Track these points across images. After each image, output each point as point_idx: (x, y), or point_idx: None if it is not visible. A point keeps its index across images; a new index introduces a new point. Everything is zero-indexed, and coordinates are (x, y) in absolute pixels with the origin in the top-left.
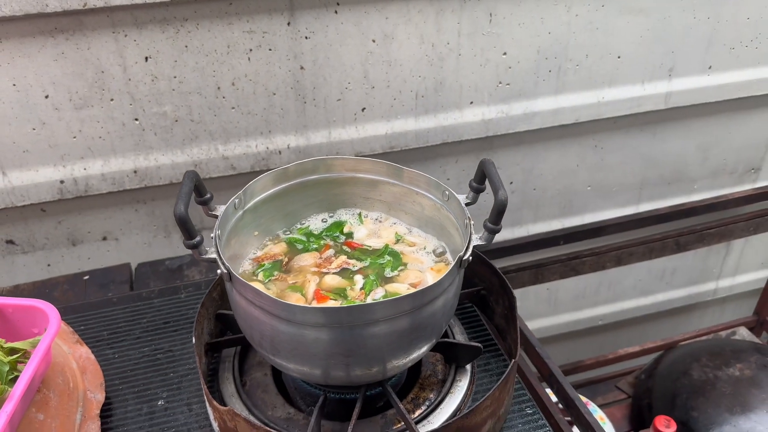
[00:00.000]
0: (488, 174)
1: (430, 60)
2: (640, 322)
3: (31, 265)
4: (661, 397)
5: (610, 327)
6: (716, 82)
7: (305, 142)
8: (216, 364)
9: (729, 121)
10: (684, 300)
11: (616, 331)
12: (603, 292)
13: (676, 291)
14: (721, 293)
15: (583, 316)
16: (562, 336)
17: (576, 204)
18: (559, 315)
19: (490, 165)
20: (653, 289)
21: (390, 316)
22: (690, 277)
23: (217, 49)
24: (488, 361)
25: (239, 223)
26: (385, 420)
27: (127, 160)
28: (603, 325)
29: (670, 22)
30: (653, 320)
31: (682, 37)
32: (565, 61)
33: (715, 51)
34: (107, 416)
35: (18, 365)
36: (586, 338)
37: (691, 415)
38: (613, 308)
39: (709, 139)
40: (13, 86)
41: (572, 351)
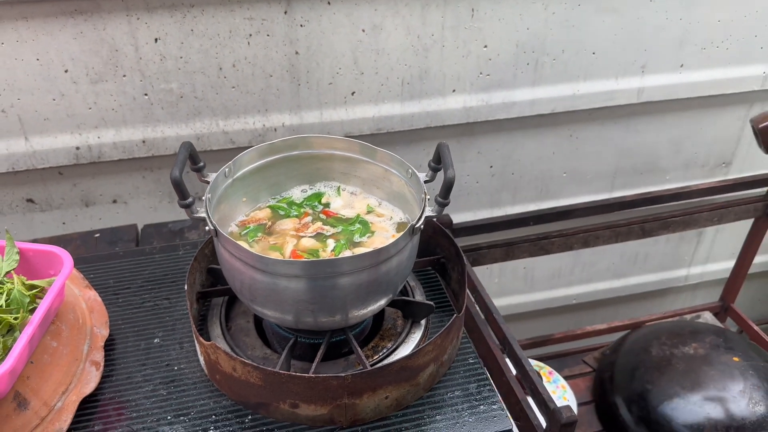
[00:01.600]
0: (442, 155)
1: (415, 50)
2: (613, 303)
3: (48, 222)
4: (621, 370)
5: (584, 306)
6: (687, 80)
7: (299, 121)
8: (206, 312)
9: (701, 117)
10: (656, 284)
11: (589, 311)
12: (577, 272)
13: (648, 275)
14: (692, 280)
15: (558, 294)
16: (537, 312)
17: (552, 189)
18: (534, 293)
19: (444, 148)
20: (626, 273)
21: (350, 271)
22: (662, 263)
23: (219, 33)
24: (442, 319)
25: (229, 190)
26: (347, 362)
27: (136, 131)
28: (577, 304)
29: (643, 22)
30: (626, 302)
31: (655, 37)
32: (543, 56)
33: (687, 50)
34: (110, 349)
35: (36, 299)
36: (560, 316)
37: (646, 387)
38: (587, 288)
39: (681, 133)
40: (36, 60)
41: (546, 327)
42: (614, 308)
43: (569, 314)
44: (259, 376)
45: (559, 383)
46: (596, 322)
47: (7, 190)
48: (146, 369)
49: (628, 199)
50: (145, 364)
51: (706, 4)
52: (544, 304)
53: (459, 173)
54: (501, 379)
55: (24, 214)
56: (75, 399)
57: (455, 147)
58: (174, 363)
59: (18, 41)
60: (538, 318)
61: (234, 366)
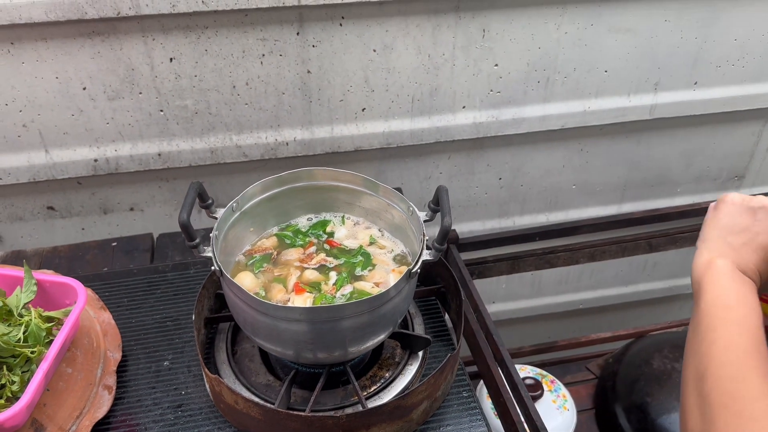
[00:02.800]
0: (440, 201)
1: (426, 69)
2: (620, 308)
3: (68, 228)
4: (623, 380)
5: (591, 311)
6: (701, 97)
7: (310, 136)
8: (213, 334)
9: (714, 132)
10: (664, 291)
11: (596, 316)
12: (585, 279)
13: (657, 282)
14: None
15: (565, 300)
16: (543, 316)
17: (561, 200)
18: (541, 298)
19: (443, 192)
20: (634, 280)
21: (349, 315)
22: (671, 271)
23: (233, 54)
24: (439, 349)
25: (237, 222)
26: (345, 392)
27: (152, 145)
28: (583, 309)
29: (657, 41)
30: (633, 308)
31: (669, 55)
32: (554, 74)
33: (701, 68)
34: (123, 371)
35: (53, 330)
36: (566, 320)
37: (646, 400)
38: (594, 294)
39: (693, 147)
40: (56, 78)
41: (552, 331)
42: (621, 313)
43: (575, 318)
44: (259, 412)
45: (560, 392)
46: (602, 327)
47: (29, 198)
48: (156, 392)
49: (636, 216)
50: (155, 387)
51: (722, 24)
52: (550, 309)
53: (468, 185)
54: (499, 399)
55: (45, 220)
56: (88, 424)
57: (465, 160)
58: (182, 387)
59: (38, 60)
60: (544, 322)
61: (236, 400)
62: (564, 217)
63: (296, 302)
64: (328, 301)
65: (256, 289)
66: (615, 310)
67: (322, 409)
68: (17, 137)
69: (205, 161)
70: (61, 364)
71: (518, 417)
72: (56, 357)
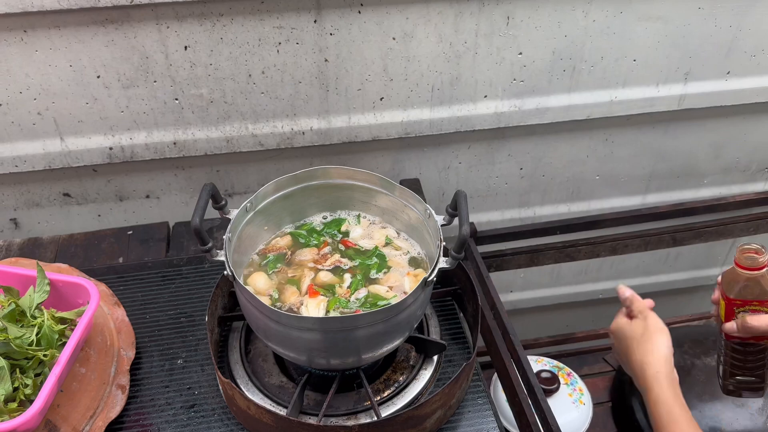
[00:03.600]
0: (459, 207)
1: (447, 57)
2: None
3: (84, 215)
4: None
5: (610, 301)
6: (734, 87)
7: (326, 125)
8: (227, 332)
9: (745, 123)
10: (686, 282)
11: (615, 305)
12: (605, 269)
13: (679, 273)
14: None
15: (584, 289)
16: (561, 306)
17: (584, 191)
18: (560, 287)
19: (462, 198)
20: (655, 271)
21: (361, 326)
22: (694, 262)
23: (249, 42)
24: (455, 352)
25: (251, 220)
26: (359, 396)
27: (167, 133)
28: (603, 299)
29: (689, 30)
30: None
31: (701, 44)
32: (580, 62)
33: (735, 57)
34: (136, 369)
35: (67, 331)
36: (584, 309)
37: None
38: (615, 285)
39: (722, 139)
40: (70, 67)
41: (569, 320)
42: None
43: (594, 308)
44: (271, 418)
45: (577, 386)
46: None
47: (45, 185)
48: (169, 392)
49: (661, 210)
50: (168, 386)
51: (758, 12)
52: (569, 298)
53: (488, 175)
54: (514, 399)
55: (61, 206)
56: (102, 424)
57: (485, 149)
58: (195, 386)
59: (51, 49)
60: (561, 311)
61: (248, 405)
62: (586, 208)
63: (310, 305)
64: (342, 305)
65: (269, 291)
66: None
67: (334, 414)
68: (32, 125)
69: (221, 150)
70: (75, 364)
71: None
72: (69, 360)
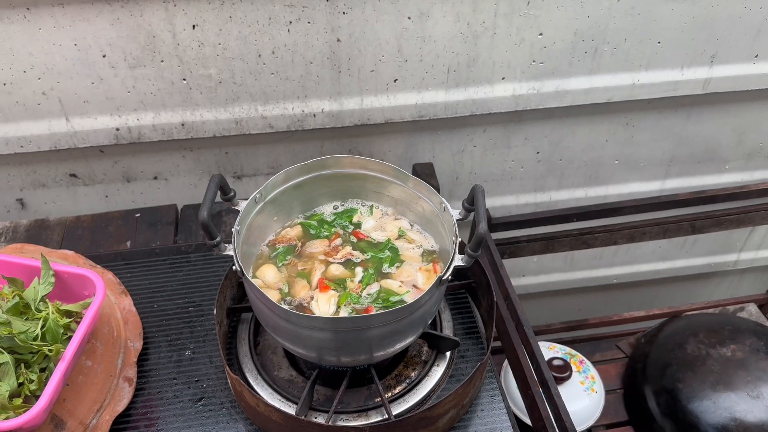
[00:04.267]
0: (476, 203)
1: (464, 37)
2: (656, 284)
3: (91, 195)
4: (654, 363)
5: (624, 286)
6: (761, 71)
7: (338, 107)
8: (236, 323)
9: None
10: (702, 268)
11: (629, 290)
12: (621, 254)
13: (696, 259)
14: (741, 265)
15: (599, 274)
16: (575, 290)
17: (602, 175)
18: (574, 272)
19: (480, 193)
20: (672, 256)
21: (372, 326)
22: (711, 248)
23: (259, 21)
24: (468, 347)
25: (260, 210)
26: (369, 392)
27: (175, 114)
28: (617, 284)
29: (717, 11)
30: (668, 283)
31: (729, 26)
32: (602, 44)
33: (764, 40)
34: (144, 360)
35: (72, 324)
36: (597, 294)
37: (677, 386)
38: (629, 270)
39: (746, 123)
40: (74, 46)
41: (582, 304)
42: (655, 288)
43: (607, 292)
44: (280, 417)
45: (589, 373)
46: (635, 301)
47: (51, 166)
48: (177, 384)
49: (681, 198)
50: (176, 379)
51: None
52: (583, 283)
53: (504, 158)
54: (527, 391)
55: (68, 187)
56: (108, 418)
57: (501, 133)
58: (204, 379)
59: (55, 27)
60: (575, 295)
61: (257, 403)
62: (604, 193)
63: (320, 301)
64: (354, 300)
65: (279, 284)
66: (649, 285)
67: (344, 410)
68: (37, 105)
69: (230, 132)
70: (81, 356)
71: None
72: (74, 355)
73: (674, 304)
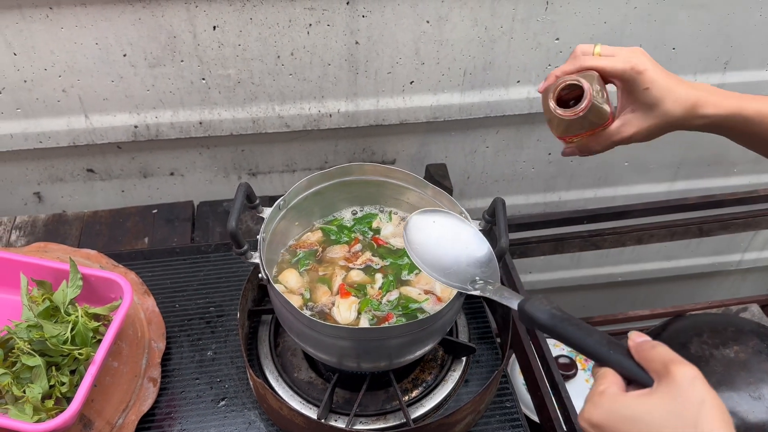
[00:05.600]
0: (497, 218)
1: (481, 41)
2: (660, 282)
3: (108, 190)
4: None
5: (629, 284)
6: None
7: (354, 108)
8: (257, 324)
9: None
10: (706, 267)
11: (634, 288)
12: (627, 253)
13: (700, 258)
14: (745, 265)
15: (604, 272)
16: (580, 287)
17: (611, 177)
18: (580, 269)
19: (501, 207)
20: (677, 255)
21: (393, 336)
22: (716, 248)
23: (279, 23)
24: (483, 351)
25: (283, 218)
26: (387, 395)
27: (193, 113)
28: (622, 281)
29: (733, 18)
30: (672, 281)
31: (745, 33)
32: None
33: None
34: (167, 360)
35: (101, 328)
36: (602, 291)
37: None
38: (635, 268)
39: None
40: (95, 45)
41: (586, 300)
42: (659, 286)
43: (612, 289)
44: (302, 420)
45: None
46: (639, 298)
47: (68, 161)
48: (199, 384)
49: (690, 203)
50: (199, 379)
51: None
52: (588, 281)
53: (515, 159)
54: (536, 392)
55: (85, 182)
56: (134, 418)
57: (514, 134)
58: (226, 379)
59: (77, 26)
60: (579, 292)
61: (280, 406)
62: (612, 194)
63: (341, 306)
64: (374, 307)
65: (301, 289)
66: (653, 283)
67: (363, 413)
68: (57, 102)
69: (246, 130)
70: (107, 358)
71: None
72: (104, 359)
73: (678, 301)
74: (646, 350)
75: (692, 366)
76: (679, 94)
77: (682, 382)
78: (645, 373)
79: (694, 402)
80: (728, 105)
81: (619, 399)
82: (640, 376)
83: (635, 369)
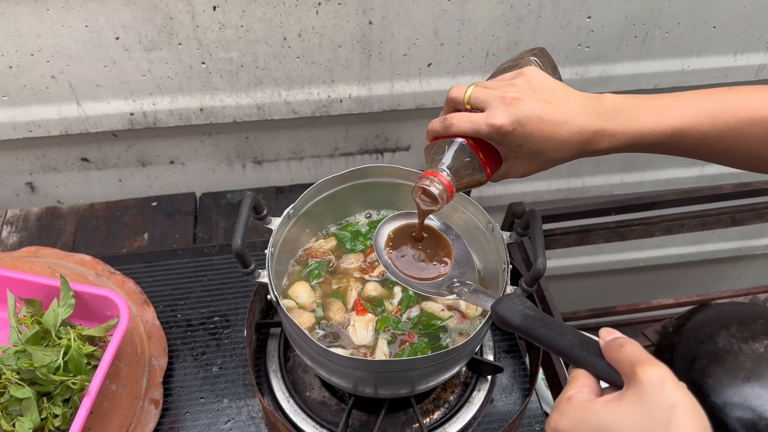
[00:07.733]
0: (532, 233)
1: (506, 20)
2: (682, 267)
3: (105, 180)
4: (682, 356)
5: (650, 269)
6: None
7: (367, 93)
8: (264, 336)
9: None
10: (731, 252)
11: (655, 273)
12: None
13: (726, 243)
14: None
15: (626, 257)
16: (601, 273)
17: (639, 161)
18: (601, 255)
19: (536, 222)
20: (702, 240)
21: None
22: (743, 233)
23: (285, 2)
24: (507, 366)
25: (293, 226)
26: (407, 417)
27: (193, 99)
28: (644, 266)
29: None
30: (696, 266)
31: None
32: (654, 28)
33: None
34: (169, 377)
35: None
36: (623, 276)
37: (706, 381)
38: (657, 253)
39: None
40: (85, 27)
41: (607, 286)
42: (681, 271)
43: (633, 275)
44: None
45: None
46: (660, 284)
47: (61, 150)
48: (205, 404)
49: (724, 192)
50: (204, 398)
51: None
52: (609, 266)
53: None
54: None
55: (80, 171)
56: None
57: None
58: (233, 399)
59: (65, 8)
60: (600, 277)
61: None
62: (640, 179)
63: (357, 325)
64: (393, 326)
65: (313, 305)
66: (675, 268)
67: None
68: (46, 89)
69: (251, 117)
70: (105, 380)
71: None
72: (99, 387)
73: (701, 287)
74: (614, 350)
75: (661, 366)
76: (561, 139)
77: (650, 386)
78: (618, 374)
79: (663, 407)
80: (630, 133)
81: (586, 406)
82: (613, 378)
83: (608, 370)
